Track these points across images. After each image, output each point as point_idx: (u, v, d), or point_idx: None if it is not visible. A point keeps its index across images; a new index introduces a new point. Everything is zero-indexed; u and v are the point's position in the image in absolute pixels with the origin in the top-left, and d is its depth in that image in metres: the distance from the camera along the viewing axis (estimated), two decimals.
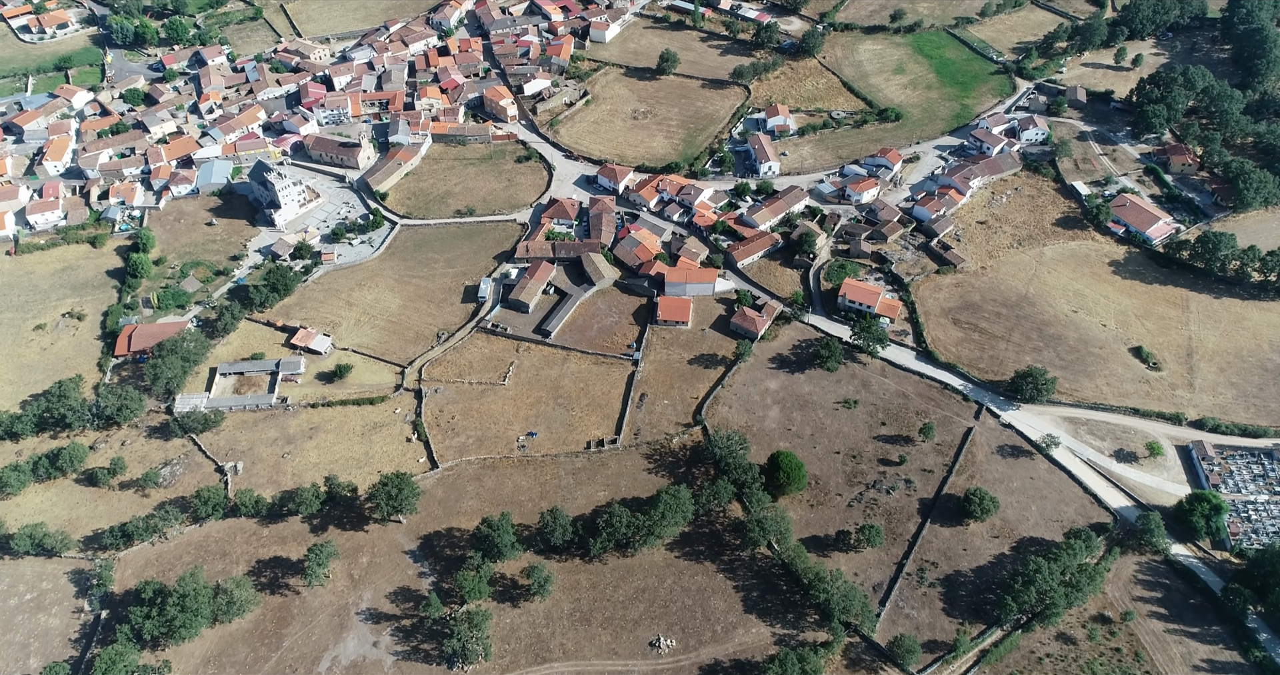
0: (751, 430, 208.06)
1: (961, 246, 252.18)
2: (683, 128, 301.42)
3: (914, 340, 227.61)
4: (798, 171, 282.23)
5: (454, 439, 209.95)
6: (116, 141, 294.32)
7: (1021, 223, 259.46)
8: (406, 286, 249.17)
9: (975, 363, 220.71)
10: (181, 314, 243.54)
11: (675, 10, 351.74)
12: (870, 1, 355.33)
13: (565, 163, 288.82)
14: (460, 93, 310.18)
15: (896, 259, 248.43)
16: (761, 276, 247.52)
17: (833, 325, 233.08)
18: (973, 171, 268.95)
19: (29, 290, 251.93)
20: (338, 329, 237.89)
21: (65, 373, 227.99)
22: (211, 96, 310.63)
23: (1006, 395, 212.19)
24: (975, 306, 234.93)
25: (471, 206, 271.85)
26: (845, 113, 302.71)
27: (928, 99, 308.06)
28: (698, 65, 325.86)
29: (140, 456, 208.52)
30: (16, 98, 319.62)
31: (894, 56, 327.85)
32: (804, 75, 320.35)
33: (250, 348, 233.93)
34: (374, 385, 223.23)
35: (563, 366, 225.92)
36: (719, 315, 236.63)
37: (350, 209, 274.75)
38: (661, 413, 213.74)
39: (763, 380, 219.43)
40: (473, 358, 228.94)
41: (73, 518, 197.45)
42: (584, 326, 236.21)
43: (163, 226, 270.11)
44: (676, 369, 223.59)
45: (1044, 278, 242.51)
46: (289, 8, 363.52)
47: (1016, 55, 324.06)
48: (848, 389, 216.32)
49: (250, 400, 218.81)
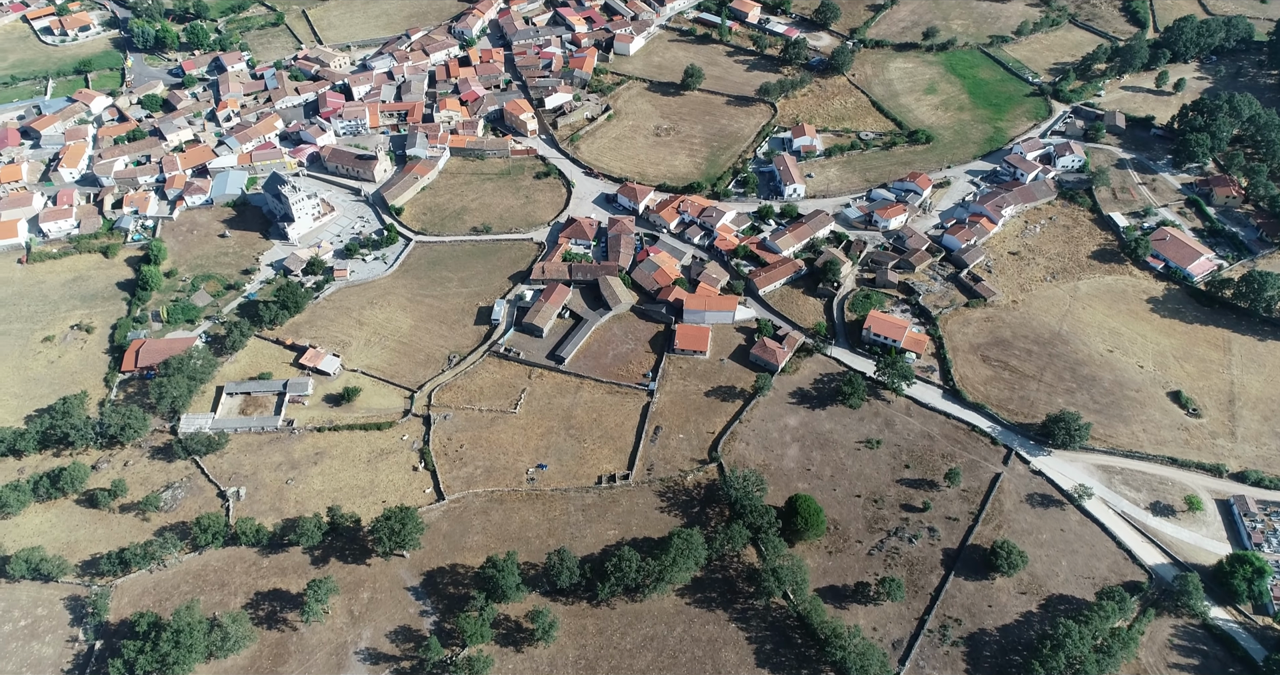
0: (769, 469, 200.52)
1: (992, 278, 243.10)
2: (706, 146, 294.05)
3: (941, 377, 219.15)
4: (823, 194, 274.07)
5: (462, 469, 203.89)
6: (132, 148, 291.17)
7: (1055, 254, 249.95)
8: (419, 306, 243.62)
9: (1005, 403, 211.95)
10: (191, 329, 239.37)
11: (702, 23, 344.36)
12: (902, 18, 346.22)
13: (585, 180, 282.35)
14: (480, 105, 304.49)
15: (924, 290, 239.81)
16: (783, 305, 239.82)
17: (856, 359, 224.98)
18: (1005, 199, 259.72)
19: (39, 300, 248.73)
20: (347, 349, 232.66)
21: (71, 387, 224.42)
22: (229, 104, 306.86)
23: (1037, 440, 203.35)
24: (1006, 343, 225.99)
25: (488, 224, 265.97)
26: (874, 134, 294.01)
27: (960, 121, 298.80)
28: (723, 81, 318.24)
29: (142, 478, 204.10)
30: (36, 101, 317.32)
31: (925, 75, 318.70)
32: (832, 93, 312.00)
33: (258, 366, 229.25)
34: (382, 409, 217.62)
35: (575, 395, 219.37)
36: (738, 345, 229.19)
37: (365, 223, 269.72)
38: (676, 448, 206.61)
39: (782, 416, 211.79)
40: (484, 383, 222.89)
41: (71, 541, 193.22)
42: (599, 353, 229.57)
43: (175, 237, 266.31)
44: (693, 401, 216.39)
45: (1078, 314, 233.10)
46: (311, 13, 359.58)
47: (1053, 77, 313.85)
48: (870, 428, 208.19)
49: (256, 422, 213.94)
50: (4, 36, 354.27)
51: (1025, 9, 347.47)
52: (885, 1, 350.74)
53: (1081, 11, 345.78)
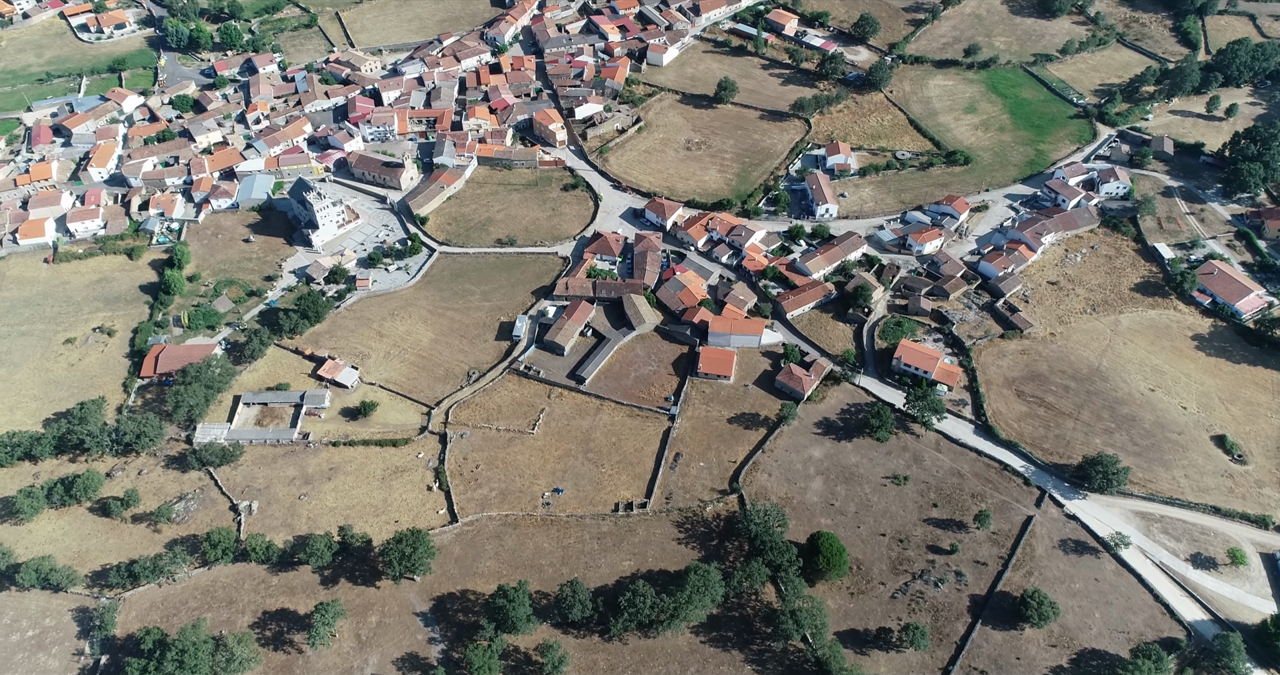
0: (791, 503, 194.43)
1: (1030, 309, 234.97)
2: (737, 162, 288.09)
3: (973, 412, 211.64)
4: (856, 215, 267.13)
5: (476, 490, 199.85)
6: (161, 149, 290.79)
7: (1097, 286, 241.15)
8: (440, 319, 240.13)
9: (1039, 442, 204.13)
10: (211, 335, 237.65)
11: (737, 35, 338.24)
12: (943, 33, 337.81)
13: (612, 193, 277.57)
14: (510, 113, 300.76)
15: (958, 319, 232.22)
16: (811, 330, 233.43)
17: (885, 389, 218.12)
18: (1046, 226, 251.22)
19: (63, 301, 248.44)
20: (366, 361, 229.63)
21: (90, 392, 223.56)
22: (259, 106, 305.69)
23: (1072, 482, 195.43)
24: (1042, 378, 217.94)
25: (513, 236, 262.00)
26: (910, 153, 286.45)
27: (1000, 142, 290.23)
28: (757, 95, 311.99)
29: (156, 488, 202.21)
30: (69, 98, 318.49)
31: (966, 94, 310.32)
32: (868, 110, 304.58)
33: (277, 376, 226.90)
34: (398, 425, 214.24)
35: (595, 417, 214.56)
36: (764, 370, 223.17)
37: (389, 232, 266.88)
38: (696, 476, 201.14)
39: (806, 447, 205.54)
40: (502, 401, 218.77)
41: (82, 550, 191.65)
42: (620, 374, 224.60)
43: (200, 241, 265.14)
44: (715, 428, 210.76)
45: (1119, 349, 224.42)
46: (344, 15, 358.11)
47: (1098, 98, 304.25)
48: (898, 463, 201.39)
49: (271, 434, 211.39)
50: (42, 32, 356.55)
51: (1071, 27, 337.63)
52: (926, 16, 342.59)
53: (1130, 31, 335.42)
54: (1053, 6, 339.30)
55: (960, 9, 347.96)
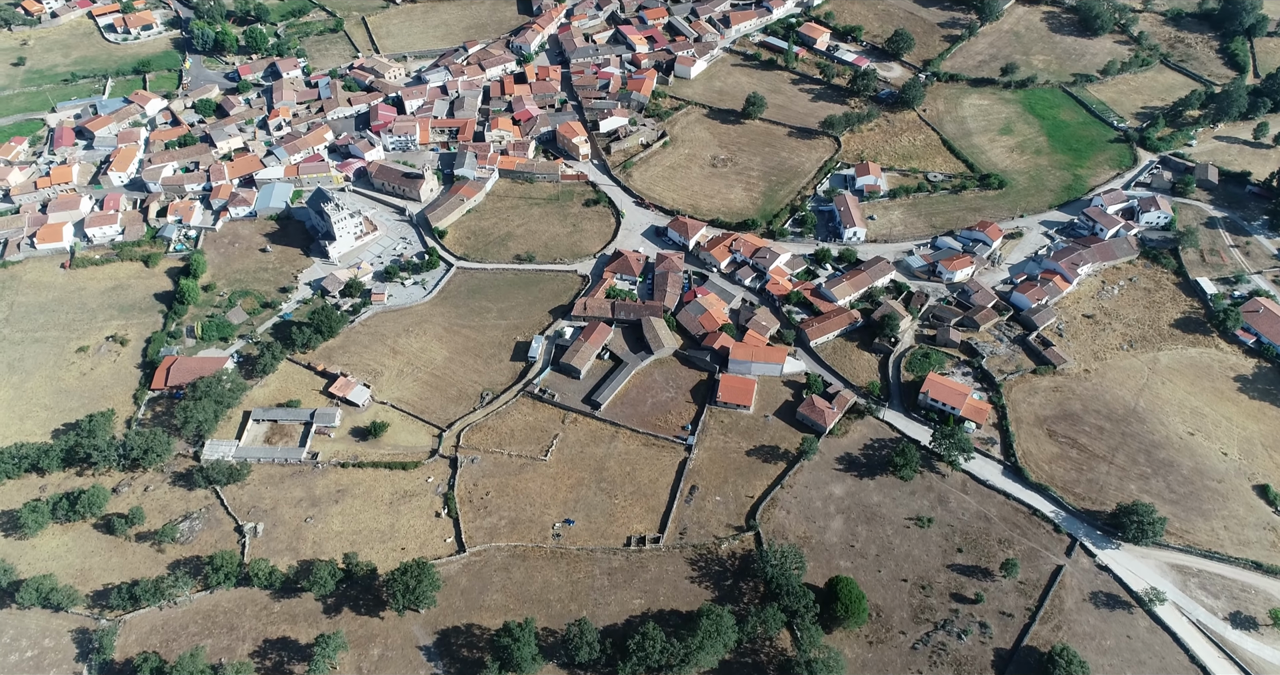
0: (810, 543, 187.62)
1: (1064, 343, 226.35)
2: (764, 180, 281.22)
3: (1002, 451, 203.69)
4: (885, 239, 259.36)
5: (485, 519, 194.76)
6: (182, 154, 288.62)
7: (1134, 320, 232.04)
8: (455, 337, 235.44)
9: (1071, 486, 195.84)
10: (224, 347, 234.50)
11: (767, 48, 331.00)
12: (980, 51, 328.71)
13: (635, 210, 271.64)
14: (533, 125, 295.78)
15: (988, 352, 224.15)
16: (836, 359, 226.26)
17: (910, 424, 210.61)
18: (1082, 256, 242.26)
19: (77, 308, 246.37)
20: (379, 379, 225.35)
21: (101, 402, 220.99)
22: (281, 113, 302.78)
23: (1105, 530, 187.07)
24: (1075, 417, 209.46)
25: (532, 252, 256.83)
26: (943, 175, 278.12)
27: (1036, 166, 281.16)
28: (786, 111, 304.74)
29: (161, 506, 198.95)
30: (93, 100, 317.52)
31: (1001, 114, 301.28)
32: (900, 129, 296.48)
33: (288, 391, 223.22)
34: (409, 448, 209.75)
35: (610, 445, 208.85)
36: (785, 401, 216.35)
37: (407, 245, 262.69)
38: (712, 511, 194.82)
39: (827, 483, 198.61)
40: (515, 425, 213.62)
41: (85, 568, 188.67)
42: (637, 400, 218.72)
43: (216, 249, 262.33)
44: (733, 460, 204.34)
45: (1156, 389, 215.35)
46: (370, 20, 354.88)
47: (1140, 122, 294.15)
48: (922, 504, 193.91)
49: (280, 453, 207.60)
50: (69, 32, 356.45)
51: (1113, 46, 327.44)
52: (963, 32, 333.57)
53: (1175, 51, 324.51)
54: (1094, 25, 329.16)
55: (998, 25, 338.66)
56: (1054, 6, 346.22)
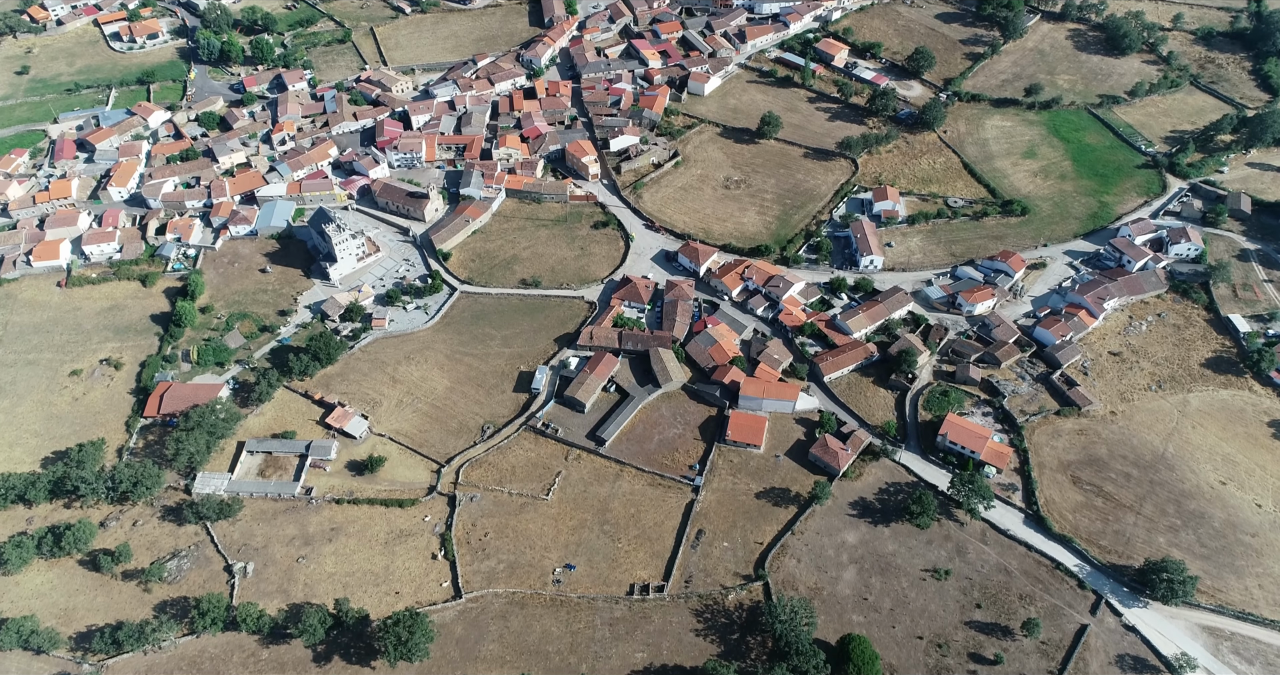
0: (821, 594, 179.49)
1: (1089, 382, 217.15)
2: (778, 203, 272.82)
3: (1023, 499, 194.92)
4: (903, 267, 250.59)
5: (484, 562, 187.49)
6: (183, 169, 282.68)
7: (1163, 359, 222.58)
8: (457, 365, 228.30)
9: (1096, 538, 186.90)
10: (220, 372, 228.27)
11: (784, 64, 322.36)
12: (1003, 69, 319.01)
13: (645, 233, 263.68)
14: (542, 143, 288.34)
15: (1010, 391, 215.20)
16: (850, 395, 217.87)
17: (927, 467, 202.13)
18: (1109, 290, 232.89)
19: (72, 329, 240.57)
20: (377, 409, 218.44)
21: (92, 430, 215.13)
22: (285, 127, 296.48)
23: (1132, 587, 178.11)
24: (1100, 463, 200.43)
25: (538, 277, 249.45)
26: (963, 201, 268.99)
27: (1060, 192, 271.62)
28: (802, 131, 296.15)
29: (149, 542, 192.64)
30: (96, 111, 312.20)
31: (1025, 137, 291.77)
32: (920, 151, 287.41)
33: (284, 420, 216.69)
34: (406, 483, 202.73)
35: (614, 484, 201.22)
36: (797, 440, 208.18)
37: (410, 267, 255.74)
38: (719, 558, 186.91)
39: (840, 530, 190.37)
40: (516, 461, 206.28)
41: (69, 607, 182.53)
42: (643, 436, 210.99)
43: (215, 269, 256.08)
44: (741, 503, 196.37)
45: (1186, 434, 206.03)
46: (379, 31, 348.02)
47: (1169, 146, 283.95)
48: (939, 554, 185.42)
49: (273, 487, 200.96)
50: (75, 40, 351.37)
51: (1141, 66, 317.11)
52: (986, 50, 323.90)
53: (1205, 72, 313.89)
54: (1122, 44, 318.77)
55: (1022, 43, 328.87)
56: (1080, 24, 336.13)
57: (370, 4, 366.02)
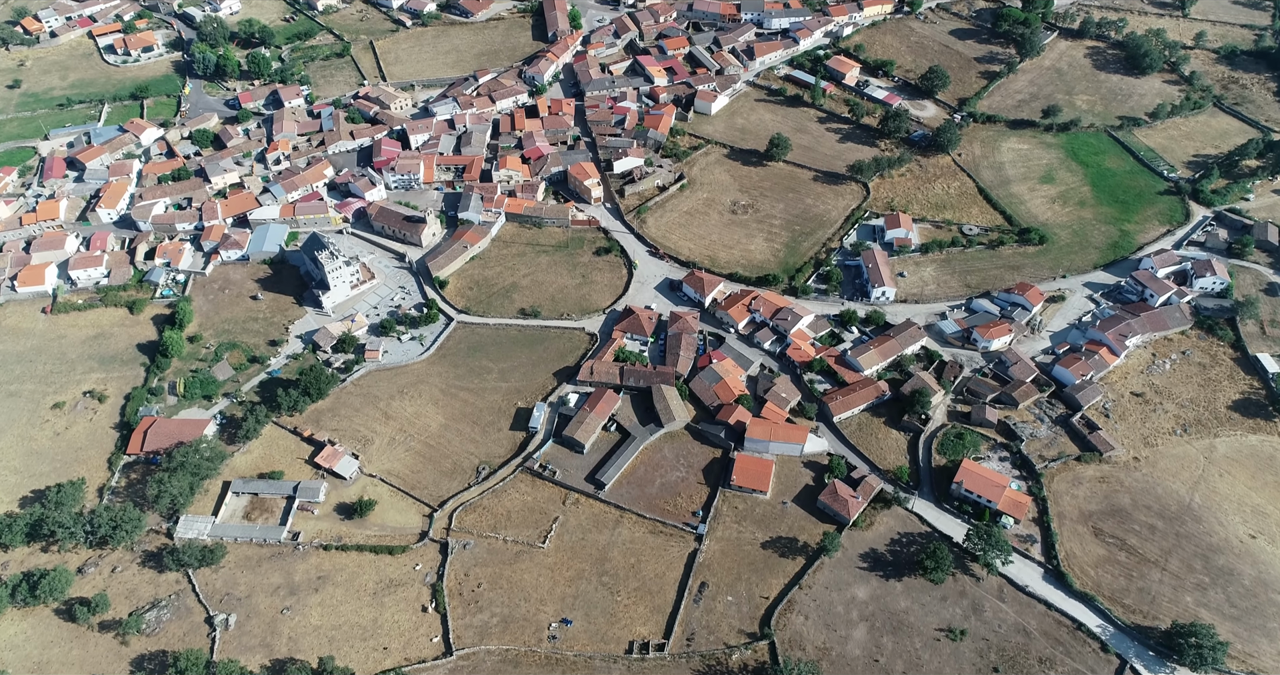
0: (829, 655, 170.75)
1: (1110, 425, 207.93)
2: (786, 229, 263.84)
3: (1042, 552, 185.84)
4: (916, 299, 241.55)
5: (476, 615, 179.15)
6: (175, 190, 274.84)
7: (1188, 400, 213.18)
8: (452, 401, 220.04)
9: (1119, 596, 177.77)
10: (207, 406, 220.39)
11: (793, 82, 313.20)
12: (1019, 89, 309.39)
13: (649, 261, 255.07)
14: (544, 164, 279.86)
15: (1028, 435, 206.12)
16: (861, 437, 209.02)
17: (941, 515, 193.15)
18: (1131, 326, 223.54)
19: (57, 359, 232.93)
20: (369, 448, 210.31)
21: (73, 467, 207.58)
22: (281, 145, 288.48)
23: (1159, 651, 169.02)
24: (1124, 514, 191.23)
25: (537, 307, 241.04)
26: (978, 228, 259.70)
27: (1079, 219, 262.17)
28: (811, 153, 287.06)
29: (128, 590, 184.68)
30: (88, 127, 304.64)
31: (1042, 160, 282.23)
32: (934, 175, 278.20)
33: (271, 459, 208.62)
34: (397, 529, 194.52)
35: (614, 531, 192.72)
36: (805, 485, 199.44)
37: (405, 295, 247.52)
38: (723, 613, 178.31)
39: (850, 584, 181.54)
40: (512, 506, 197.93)
41: (42, 661, 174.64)
42: (644, 479, 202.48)
43: (205, 296, 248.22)
44: (747, 553, 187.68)
45: (1213, 482, 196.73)
46: (378, 45, 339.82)
47: (1192, 172, 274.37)
48: (954, 612, 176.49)
49: (259, 532, 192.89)
50: (68, 53, 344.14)
51: (1162, 86, 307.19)
52: (1002, 68, 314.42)
53: (1229, 93, 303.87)
54: (1142, 63, 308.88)
55: (1039, 61, 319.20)
56: (1099, 41, 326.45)
57: (370, 16, 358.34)
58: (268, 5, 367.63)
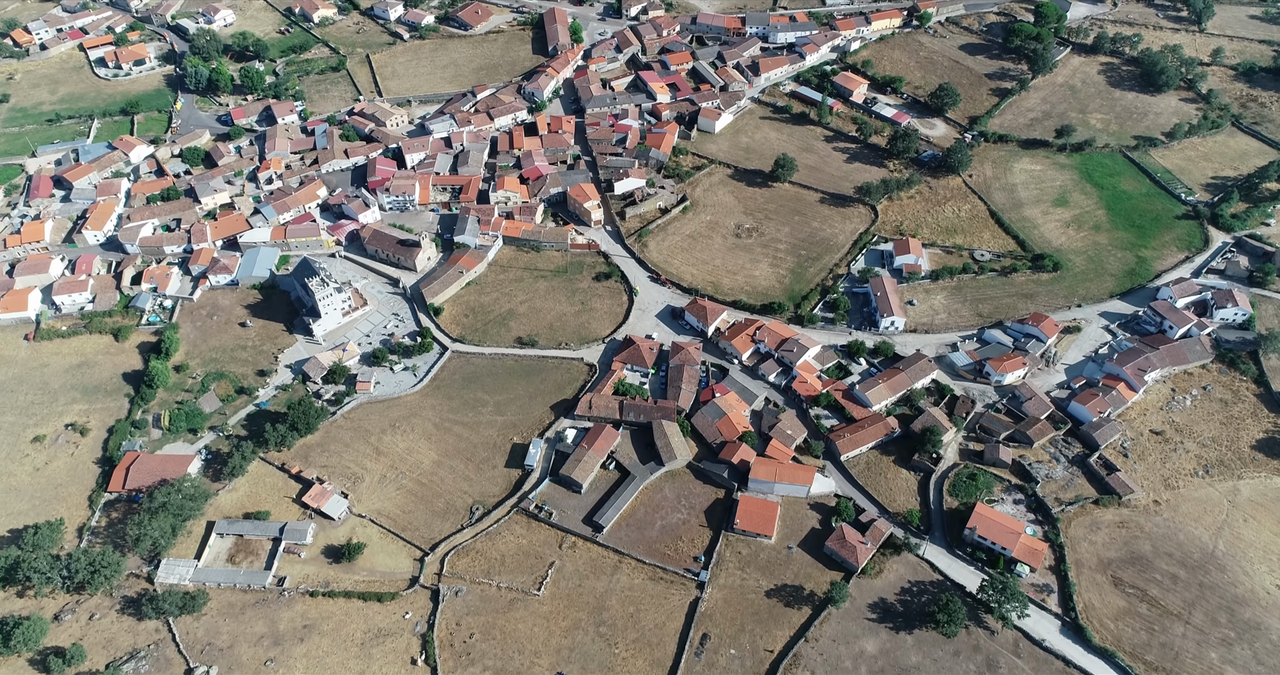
0: None
1: (1129, 465, 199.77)
2: (792, 254, 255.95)
3: (1059, 602, 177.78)
4: (926, 328, 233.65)
5: (468, 668, 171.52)
6: (164, 210, 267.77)
7: (1210, 439, 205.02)
8: (446, 436, 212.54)
9: (1141, 651, 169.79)
10: (193, 439, 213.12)
11: (799, 99, 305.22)
12: (1032, 107, 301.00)
13: (650, 287, 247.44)
14: (543, 185, 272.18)
15: (1044, 476, 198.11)
16: (869, 476, 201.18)
17: (953, 562, 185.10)
18: (1150, 361, 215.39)
19: (39, 388, 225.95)
20: (358, 486, 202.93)
21: (53, 505, 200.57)
22: (273, 164, 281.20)
23: None
24: (1144, 562, 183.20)
25: (535, 336, 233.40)
26: (991, 254, 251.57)
27: (1094, 245, 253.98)
28: (818, 173, 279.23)
29: (106, 639, 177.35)
30: (77, 144, 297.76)
31: (1056, 182, 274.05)
32: (944, 197, 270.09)
33: (258, 497, 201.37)
34: (387, 573, 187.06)
35: (612, 578, 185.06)
36: (811, 528, 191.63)
37: (399, 323, 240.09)
38: (725, 667, 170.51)
39: (858, 637, 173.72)
40: (506, 549, 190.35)
41: None
42: (644, 521, 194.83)
43: (193, 323, 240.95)
44: (750, 602, 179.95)
45: (1238, 528, 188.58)
46: (375, 59, 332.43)
47: (1210, 195, 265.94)
48: (968, 668, 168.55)
49: (243, 577, 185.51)
50: (59, 66, 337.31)
51: (1179, 105, 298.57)
52: (1014, 85, 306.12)
53: (1248, 112, 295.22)
54: (1158, 81, 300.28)
55: (1052, 78, 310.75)
56: (1113, 57, 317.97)
57: (367, 29, 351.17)
58: (263, 17, 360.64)
